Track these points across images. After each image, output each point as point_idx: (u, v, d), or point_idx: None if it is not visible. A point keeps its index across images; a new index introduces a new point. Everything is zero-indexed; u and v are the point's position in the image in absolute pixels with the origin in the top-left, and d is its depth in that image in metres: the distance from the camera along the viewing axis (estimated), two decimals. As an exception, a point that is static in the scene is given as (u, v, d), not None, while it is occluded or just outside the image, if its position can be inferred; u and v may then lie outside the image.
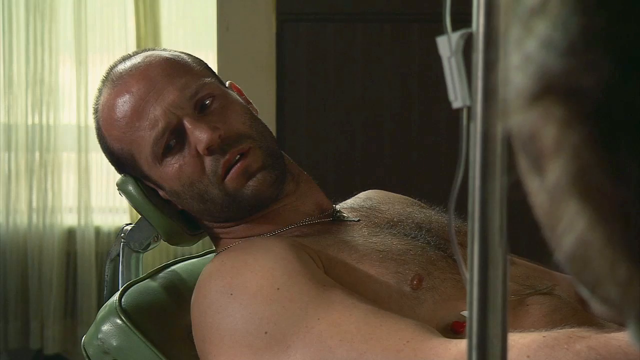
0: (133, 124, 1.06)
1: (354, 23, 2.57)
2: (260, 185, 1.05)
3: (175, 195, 1.08)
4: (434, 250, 1.03)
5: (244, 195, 1.05)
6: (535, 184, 0.34)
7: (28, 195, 2.73)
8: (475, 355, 0.57)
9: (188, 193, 1.06)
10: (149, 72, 1.07)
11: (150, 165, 1.07)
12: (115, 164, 1.13)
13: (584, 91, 0.29)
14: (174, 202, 1.10)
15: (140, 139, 1.06)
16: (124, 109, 1.07)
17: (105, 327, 1.05)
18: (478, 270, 0.57)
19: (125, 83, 1.07)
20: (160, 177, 1.07)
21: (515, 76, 0.32)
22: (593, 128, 0.30)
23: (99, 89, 1.12)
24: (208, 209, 1.07)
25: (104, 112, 1.09)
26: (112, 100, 1.08)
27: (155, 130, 1.04)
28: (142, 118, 1.05)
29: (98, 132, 1.12)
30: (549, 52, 0.30)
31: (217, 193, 1.05)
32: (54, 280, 2.73)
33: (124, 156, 1.09)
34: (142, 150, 1.06)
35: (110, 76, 1.10)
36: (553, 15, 0.30)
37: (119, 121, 1.07)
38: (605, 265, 0.31)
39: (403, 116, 2.58)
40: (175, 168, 1.05)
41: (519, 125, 0.32)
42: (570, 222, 0.31)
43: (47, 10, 2.72)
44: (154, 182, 1.09)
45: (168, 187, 1.08)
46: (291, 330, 0.91)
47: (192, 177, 1.05)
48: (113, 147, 1.10)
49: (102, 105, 1.10)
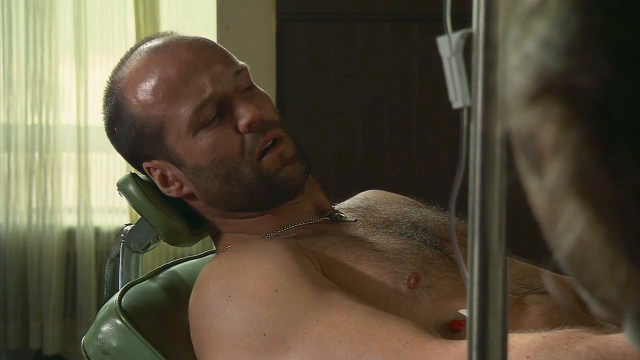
0: (176, 90, 1.03)
1: (354, 23, 2.57)
2: (294, 172, 1.05)
3: (196, 172, 1.05)
4: (430, 249, 1.03)
5: (277, 179, 1.04)
6: (534, 183, 0.34)
7: (28, 196, 2.73)
8: (475, 356, 0.57)
9: (215, 170, 1.04)
10: (196, 45, 1.06)
11: (180, 136, 1.03)
12: (131, 140, 1.07)
13: (582, 91, 0.29)
14: (187, 184, 1.06)
15: (181, 105, 1.02)
16: (166, 74, 1.04)
17: (105, 327, 1.05)
18: (478, 271, 0.57)
19: (171, 51, 1.05)
20: (188, 151, 1.04)
21: (514, 76, 0.32)
22: (592, 128, 0.30)
23: (122, 60, 1.09)
24: (228, 191, 1.05)
25: (134, 79, 1.05)
26: (149, 67, 1.05)
27: (200, 98, 1.02)
28: (187, 84, 1.03)
29: (116, 104, 1.07)
30: (548, 52, 0.30)
31: (248, 172, 1.04)
32: (54, 281, 2.73)
33: (150, 126, 1.05)
34: (177, 118, 1.03)
35: (143, 48, 1.07)
36: (552, 15, 0.30)
37: (157, 87, 1.04)
38: (604, 266, 0.31)
39: (403, 116, 2.58)
40: (209, 142, 1.03)
41: (518, 125, 0.32)
42: (569, 222, 0.31)
43: (47, 10, 2.72)
44: (175, 158, 1.05)
45: (192, 163, 1.04)
46: (290, 332, 0.91)
47: (227, 152, 1.03)
48: (137, 116, 1.05)
49: (131, 73, 1.06)
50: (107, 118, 1.11)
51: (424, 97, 2.55)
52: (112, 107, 1.09)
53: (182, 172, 1.06)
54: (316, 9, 2.57)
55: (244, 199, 1.06)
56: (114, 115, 1.09)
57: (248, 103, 1.04)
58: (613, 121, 0.29)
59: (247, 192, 1.05)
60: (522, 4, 0.31)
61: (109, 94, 1.10)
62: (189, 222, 1.15)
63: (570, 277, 0.35)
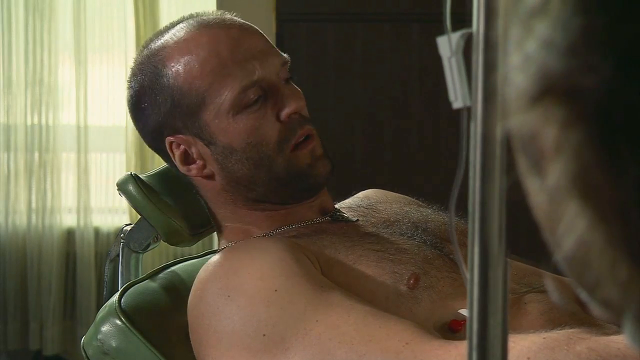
0: (226, 66, 1.02)
1: (354, 23, 2.57)
2: (322, 169, 1.06)
3: (227, 152, 1.04)
4: (431, 249, 1.03)
5: (306, 173, 1.04)
6: (535, 184, 0.34)
7: (27, 196, 2.73)
8: (475, 356, 0.56)
9: (247, 154, 1.03)
10: (248, 28, 1.06)
11: (219, 113, 1.02)
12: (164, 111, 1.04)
13: (584, 92, 0.29)
14: (210, 164, 1.04)
15: (228, 83, 1.01)
16: (218, 49, 1.02)
17: (105, 327, 1.05)
18: (478, 272, 0.57)
19: (223, 28, 1.04)
20: (224, 130, 1.03)
21: (515, 76, 0.32)
22: (593, 129, 0.30)
23: (160, 32, 1.07)
24: (254, 177, 1.04)
25: (181, 49, 1.03)
26: (199, 40, 1.03)
27: (248, 78, 1.02)
28: (238, 63, 1.02)
29: (154, 72, 1.04)
30: (550, 53, 0.30)
31: (280, 161, 1.03)
32: (54, 281, 2.73)
33: (190, 98, 1.02)
34: (220, 95, 1.01)
35: (191, 22, 1.05)
36: (553, 16, 0.30)
37: (206, 60, 1.02)
38: (605, 266, 0.31)
39: (403, 116, 2.58)
40: (248, 124, 1.02)
41: (519, 126, 0.32)
42: (570, 223, 0.31)
43: (47, 10, 2.72)
44: (207, 135, 1.03)
45: (225, 142, 1.03)
46: (290, 333, 0.91)
47: (264, 137, 1.03)
48: (178, 85, 1.02)
49: (177, 42, 1.03)
50: (136, 88, 1.07)
51: (424, 97, 2.55)
52: (147, 76, 1.05)
53: (209, 150, 1.05)
54: (316, 9, 2.56)
55: (267, 188, 1.05)
56: (148, 85, 1.05)
57: (293, 94, 1.05)
58: (614, 122, 0.29)
59: (272, 181, 1.04)
60: (524, 4, 0.31)
61: (144, 63, 1.06)
62: (189, 222, 1.15)
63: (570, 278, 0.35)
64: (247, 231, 1.08)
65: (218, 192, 1.08)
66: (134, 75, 1.08)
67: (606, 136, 0.29)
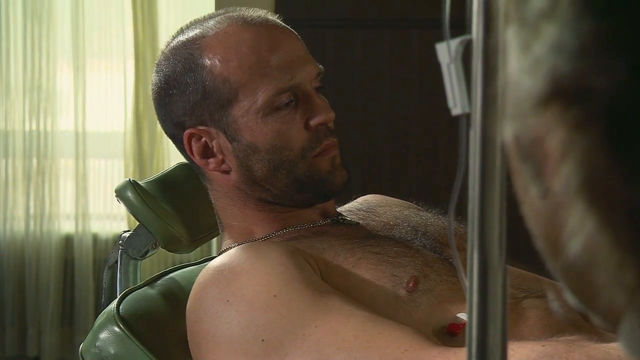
0: (265, 66, 1.02)
1: (353, 29, 2.57)
2: (340, 178, 1.07)
3: (250, 151, 1.03)
4: (430, 253, 1.03)
5: (325, 180, 1.05)
6: (533, 190, 0.33)
7: (25, 202, 2.73)
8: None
9: (270, 155, 1.03)
10: (290, 32, 1.07)
11: (249, 111, 1.02)
12: (193, 100, 1.03)
13: (595, 94, 0.29)
14: (230, 160, 1.04)
15: (264, 82, 1.01)
16: (260, 47, 1.02)
17: (103, 334, 1.05)
18: (477, 278, 0.56)
19: (266, 28, 1.04)
20: (251, 128, 1.02)
21: (524, 80, 0.31)
22: (604, 131, 0.30)
23: (197, 21, 1.06)
24: (273, 178, 1.04)
25: (222, 41, 1.02)
26: (241, 35, 1.03)
27: (285, 82, 1.02)
28: (277, 67, 1.02)
29: (189, 59, 1.03)
30: (560, 55, 0.30)
31: (301, 167, 1.04)
32: (52, 288, 2.73)
33: (223, 90, 1.02)
34: (255, 93, 1.01)
35: (233, 15, 1.05)
36: (563, 18, 0.30)
37: (246, 56, 1.02)
38: (612, 270, 0.31)
39: (402, 122, 2.58)
40: (276, 127, 1.02)
41: (525, 129, 0.32)
42: (577, 225, 0.31)
43: (45, 15, 2.72)
44: (233, 131, 1.03)
45: (249, 141, 1.03)
46: (288, 338, 0.91)
47: (289, 142, 1.03)
48: (214, 76, 1.02)
49: (218, 34, 1.03)
50: (167, 74, 1.05)
51: (423, 103, 2.55)
52: (180, 63, 1.04)
53: (231, 146, 1.04)
54: (315, 15, 2.57)
55: (283, 191, 1.05)
56: (181, 71, 1.04)
57: (324, 104, 1.06)
58: (626, 124, 0.29)
59: (290, 185, 1.05)
60: (531, 7, 0.31)
61: (179, 49, 1.05)
62: (187, 228, 1.14)
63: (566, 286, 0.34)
64: (250, 231, 1.08)
65: (230, 189, 1.08)
66: (166, 59, 1.06)
67: (617, 138, 0.29)
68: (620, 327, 0.33)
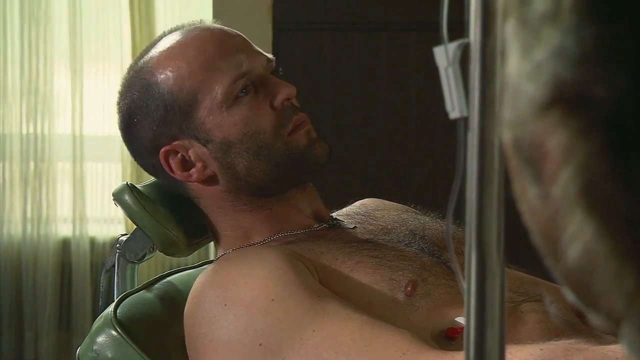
0: (214, 62, 1.04)
1: (351, 32, 2.57)
2: (321, 149, 1.07)
3: (225, 147, 1.04)
4: (428, 257, 1.03)
5: (306, 154, 1.06)
6: (533, 193, 0.33)
7: (22, 206, 2.72)
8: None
9: (245, 144, 1.04)
10: (230, 29, 1.09)
11: (213, 108, 1.03)
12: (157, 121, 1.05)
13: (596, 101, 0.29)
14: (210, 164, 1.05)
15: (217, 77, 1.03)
16: (204, 47, 1.04)
17: (100, 338, 1.04)
18: (475, 281, 0.56)
19: (207, 30, 1.06)
20: (219, 124, 1.03)
21: (524, 85, 0.31)
22: (605, 139, 0.29)
23: (146, 49, 1.08)
24: (255, 168, 1.04)
25: (167, 55, 1.05)
26: (185, 43, 1.05)
27: (237, 70, 1.03)
28: (225, 58, 1.04)
29: (144, 85, 1.05)
30: (561, 61, 0.30)
31: (279, 147, 1.04)
32: (49, 291, 2.72)
33: (182, 98, 1.03)
34: (212, 89, 1.03)
35: (174, 33, 1.08)
36: (565, 24, 0.30)
37: (194, 58, 1.04)
38: (611, 276, 0.31)
39: (400, 125, 2.58)
40: (243, 114, 1.03)
41: (525, 134, 0.32)
42: (576, 231, 0.31)
43: (42, 18, 2.71)
44: (203, 133, 1.04)
45: (222, 137, 1.04)
46: (286, 342, 0.91)
47: (259, 125, 1.04)
48: (169, 89, 1.04)
49: (162, 51, 1.05)
50: (127, 104, 1.07)
51: (421, 106, 2.55)
52: (136, 90, 1.06)
53: (207, 150, 1.05)
54: (313, 18, 2.57)
55: (269, 177, 1.05)
56: (138, 97, 1.06)
57: (283, 82, 1.07)
58: (626, 132, 0.29)
59: (274, 169, 1.05)
60: (532, 11, 0.31)
61: (132, 79, 1.07)
62: (185, 232, 1.14)
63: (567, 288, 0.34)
64: (247, 237, 1.08)
65: (218, 197, 1.08)
66: (122, 95, 1.09)
67: (617, 146, 0.29)
68: (620, 330, 0.33)
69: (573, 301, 0.35)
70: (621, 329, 0.33)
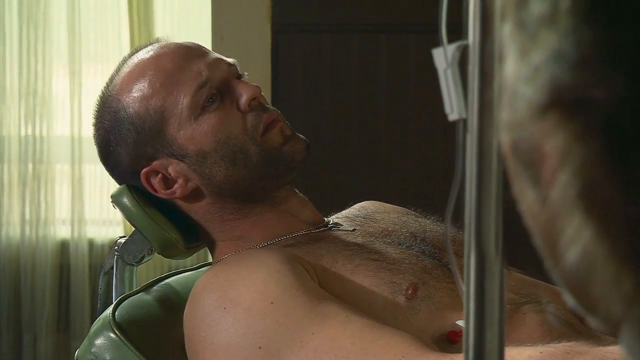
0: (173, 76, 1.04)
1: (350, 34, 2.57)
2: (297, 145, 1.07)
3: (201, 159, 1.04)
4: (429, 259, 1.03)
5: (282, 153, 1.05)
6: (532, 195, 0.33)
7: (21, 207, 2.72)
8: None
9: (220, 152, 1.04)
10: (187, 42, 1.09)
11: (182, 122, 1.03)
12: (131, 145, 1.06)
13: (594, 105, 0.29)
14: (191, 178, 1.05)
15: (180, 91, 1.03)
16: (162, 64, 1.05)
17: (99, 341, 1.04)
18: (474, 283, 0.56)
19: (163, 48, 1.07)
20: (190, 138, 1.04)
21: (522, 88, 0.31)
22: (603, 141, 0.29)
23: (111, 77, 1.10)
24: (234, 174, 1.04)
25: (128, 80, 1.06)
26: (143, 65, 1.06)
27: (198, 80, 1.04)
28: (184, 70, 1.04)
29: (112, 112, 1.06)
30: (559, 64, 0.30)
31: (254, 150, 1.04)
32: (47, 293, 2.72)
33: (150, 119, 1.04)
34: (177, 104, 1.03)
35: (133, 57, 1.09)
36: (563, 27, 0.30)
37: (154, 78, 1.04)
38: (610, 279, 0.31)
39: (399, 127, 2.58)
40: (212, 123, 1.03)
41: (523, 137, 0.32)
42: (574, 234, 0.31)
43: (41, 20, 2.71)
44: (178, 149, 1.04)
45: (196, 150, 1.04)
46: (285, 345, 0.91)
47: (231, 131, 1.04)
48: (136, 113, 1.05)
49: (124, 77, 1.07)
50: (101, 135, 1.09)
51: (420, 108, 2.55)
52: (106, 119, 1.08)
53: (185, 164, 1.05)
54: (311, 20, 2.57)
55: (250, 181, 1.05)
56: (110, 125, 1.07)
57: (246, 83, 1.07)
58: (625, 135, 0.29)
59: (253, 173, 1.05)
60: (530, 14, 0.31)
61: (100, 110, 1.10)
62: (184, 234, 1.14)
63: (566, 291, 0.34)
64: (237, 246, 1.08)
65: (206, 210, 1.08)
66: (95, 126, 1.10)
67: (616, 149, 0.29)
68: (619, 333, 0.33)
69: (572, 305, 0.34)
70: (620, 332, 0.33)
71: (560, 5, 0.29)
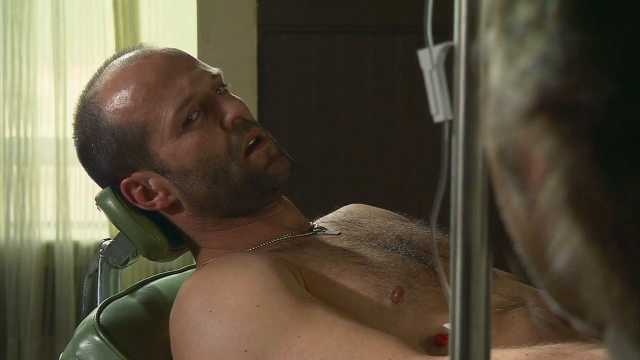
0: (156, 91, 1.03)
1: (336, 35, 2.57)
2: (281, 167, 1.05)
3: (182, 175, 1.03)
4: (415, 263, 1.03)
5: (265, 175, 1.04)
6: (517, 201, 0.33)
7: (5, 210, 2.70)
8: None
9: (202, 170, 1.03)
10: (170, 52, 1.07)
11: (164, 139, 1.02)
12: (111, 154, 1.05)
13: (583, 108, 0.29)
14: (172, 192, 1.05)
15: (162, 107, 1.02)
16: (145, 78, 1.03)
17: (83, 344, 1.03)
18: (460, 286, 0.56)
19: (146, 58, 1.05)
20: (172, 154, 1.03)
21: (510, 92, 0.31)
22: (591, 146, 0.29)
23: (92, 80, 1.09)
24: (215, 192, 1.04)
25: (111, 89, 1.04)
26: (126, 75, 1.04)
27: (181, 97, 1.02)
28: (167, 85, 1.03)
29: (92, 119, 1.06)
30: (547, 69, 0.30)
31: (236, 170, 1.03)
32: (32, 296, 2.70)
33: (131, 133, 1.03)
34: (159, 120, 1.02)
35: (115, 62, 1.07)
36: (550, 31, 0.29)
37: (136, 92, 1.03)
38: (599, 284, 0.30)
39: (385, 129, 2.58)
40: (194, 141, 1.02)
41: (509, 142, 0.32)
42: (563, 239, 0.30)
43: (25, 21, 2.69)
44: (159, 164, 1.04)
45: (177, 166, 1.03)
46: (271, 349, 0.90)
47: (213, 150, 1.03)
48: (117, 125, 1.04)
49: (106, 84, 1.05)
50: (81, 139, 1.08)
51: (406, 109, 2.55)
52: (87, 125, 1.07)
53: (166, 179, 1.05)
54: (298, 21, 2.56)
55: (230, 200, 1.05)
56: (90, 133, 1.07)
57: (230, 100, 1.06)
58: (613, 139, 0.29)
59: (234, 191, 1.04)
60: (516, 18, 0.31)
61: (81, 114, 1.08)
62: (169, 237, 1.13)
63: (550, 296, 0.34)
64: (221, 253, 1.07)
65: (186, 221, 1.08)
66: (75, 129, 1.10)
67: (605, 153, 0.29)
68: (604, 336, 0.33)
69: (557, 310, 0.34)
70: (605, 335, 0.33)
71: (547, 9, 0.29)
